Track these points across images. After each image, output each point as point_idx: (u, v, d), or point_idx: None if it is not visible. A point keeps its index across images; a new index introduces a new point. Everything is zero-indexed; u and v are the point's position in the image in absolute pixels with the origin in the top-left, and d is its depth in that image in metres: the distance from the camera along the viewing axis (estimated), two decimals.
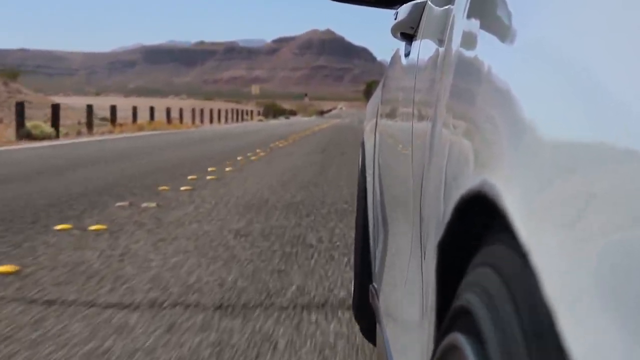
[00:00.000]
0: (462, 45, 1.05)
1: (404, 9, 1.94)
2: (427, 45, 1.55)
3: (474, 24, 1.01)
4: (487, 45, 0.90)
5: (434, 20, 1.50)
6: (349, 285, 3.85)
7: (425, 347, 1.10)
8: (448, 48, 1.18)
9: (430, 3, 1.65)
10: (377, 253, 2.44)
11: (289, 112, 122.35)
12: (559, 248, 0.55)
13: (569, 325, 0.52)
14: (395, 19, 2.06)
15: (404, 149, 1.66)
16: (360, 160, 3.17)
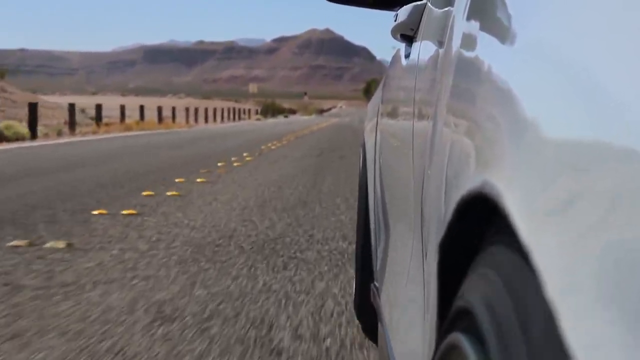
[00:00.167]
0: (462, 46, 1.05)
1: (404, 11, 1.93)
2: (427, 47, 1.54)
3: (474, 25, 1.01)
4: (487, 46, 0.90)
5: (434, 22, 1.50)
6: None
7: (427, 346, 1.10)
8: (448, 49, 1.18)
9: (430, 5, 1.65)
10: (378, 252, 2.44)
11: (289, 110, 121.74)
12: (560, 248, 0.55)
13: (570, 325, 0.53)
14: (395, 21, 2.05)
15: (405, 148, 1.66)
16: (361, 160, 3.17)
